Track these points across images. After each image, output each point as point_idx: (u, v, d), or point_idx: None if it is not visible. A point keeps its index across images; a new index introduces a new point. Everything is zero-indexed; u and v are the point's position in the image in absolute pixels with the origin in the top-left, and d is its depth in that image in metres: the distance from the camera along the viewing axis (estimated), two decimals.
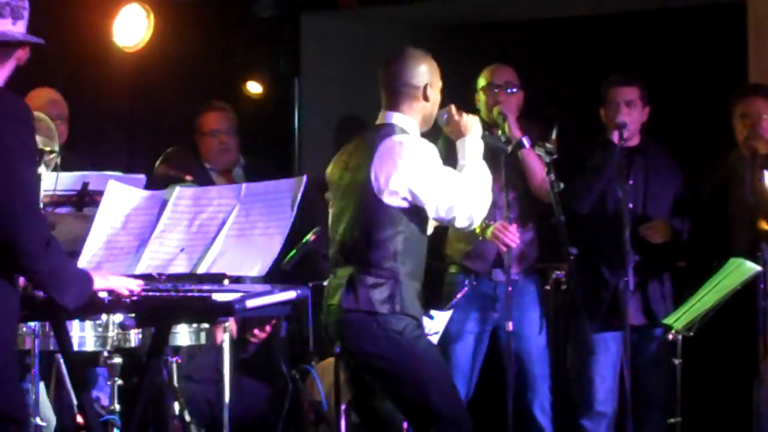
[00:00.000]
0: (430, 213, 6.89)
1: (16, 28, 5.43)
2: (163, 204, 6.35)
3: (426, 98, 7.04)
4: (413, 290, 6.93)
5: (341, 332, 7.02)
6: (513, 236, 8.52)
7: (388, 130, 6.96)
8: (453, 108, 7.14)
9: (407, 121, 7.02)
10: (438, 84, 7.10)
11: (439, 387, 6.89)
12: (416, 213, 6.88)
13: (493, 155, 8.51)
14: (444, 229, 8.72)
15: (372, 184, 6.88)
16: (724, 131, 8.89)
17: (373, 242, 6.91)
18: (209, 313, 6.21)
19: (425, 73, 7.07)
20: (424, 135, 7.06)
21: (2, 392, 5.27)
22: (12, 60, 5.46)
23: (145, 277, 6.06)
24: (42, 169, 7.52)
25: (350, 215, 6.99)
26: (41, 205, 7.20)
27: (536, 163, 8.51)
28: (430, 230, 7.09)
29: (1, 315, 5.33)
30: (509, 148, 8.10)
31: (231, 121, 9.49)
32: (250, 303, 5.89)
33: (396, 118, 7.02)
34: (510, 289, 8.58)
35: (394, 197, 6.85)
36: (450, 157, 7.14)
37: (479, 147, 7.10)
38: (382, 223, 6.90)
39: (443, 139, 8.34)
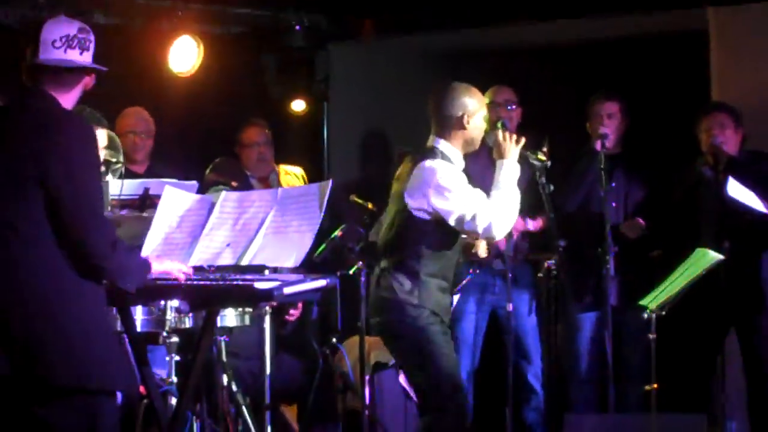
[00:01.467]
0: (452, 224, 6.98)
1: (83, 58, 5.41)
2: (212, 206, 6.35)
3: (464, 126, 7.16)
4: (435, 288, 7.07)
5: (374, 311, 7.24)
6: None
7: (429, 154, 7.16)
8: (500, 132, 7.25)
9: (448, 147, 7.19)
10: (478, 112, 7.23)
11: (438, 372, 6.96)
12: (440, 224, 7.00)
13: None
14: None
15: (405, 197, 7.07)
16: (691, 142, 8.88)
17: (402, 244, 7.10)
18: (252, 298, 6.25)
19: (463, 105, 7.20)
20: None
21: (103, 368, 5.28)
22: (79, 86, 5.45)
23: (197, 269, 6.08)
24: (109, 177, 7.51)
25: (391, 218, 7.20)
26: (109, 208, 7.25)
27: None
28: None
29: (96, 306, 5.35)
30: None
31: (267, 136, 9.48)
32: (287, 290, 5.90)
33: (439, 143, 7.21)
34: (509, 276, 8.59)
35: (420, 211, 7.01)
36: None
37: (513, 170, 7.18)
38: (410, 229, 7.07)
39: None
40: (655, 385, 7.85)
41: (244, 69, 10.21)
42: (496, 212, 6.98)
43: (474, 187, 7.33)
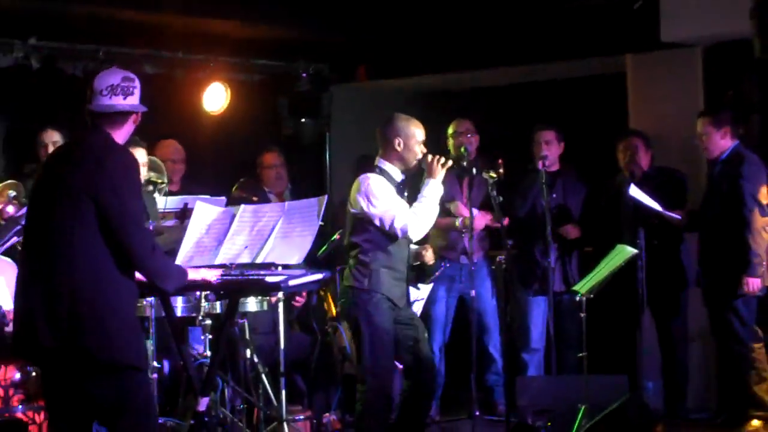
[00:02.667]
0: (377, 225, 6.98)
1: (126, 102, 5.39)
2: (233, 216, 6.37)
3: (396, 149, 7.11)
4: (388, 276, 7.02)
5: (339, 297, 7.34)
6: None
7: (370, 169, 7.13)
8: (428, 156, 7.15)
9: (388, 165, 7.14)
10: (412, 136, 7.13)
11: (369, 351, 6.96)
12: (376, 225, 6.99)
13: (460, 178, 8.69)
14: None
15: (349, 204, 7.11)
16: (612, 160, 8.97)
17: (355, 243, 7.09)
18: (264, 289, 6.32)
19: (399, 130, 7.14)
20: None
21: (128, 347, 5.26)
22: (128, 123, 5.44)
23: (221, 266, 6.11)
24: (156, 195, 7.59)
25: (348, 223, 7.19)
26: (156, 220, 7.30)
27: None
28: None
29: (129, 296, 5.35)
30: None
31: (282, 159, 9.48)
32: (292, 282, 5.98)
33: (381, 162, 7.17)
34: (472, 268, 8.69)
35: (360, 214, 7.02)
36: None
37: (437, 188, 7.10)
38: (357, 230, 7.10)
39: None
40: (586, 353, 7.90)
41: (263, 108, 10.20)
42: (413, 218, 6.93)
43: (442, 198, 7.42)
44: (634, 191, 8.27)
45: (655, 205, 8.30)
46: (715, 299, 8.32)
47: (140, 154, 7.31)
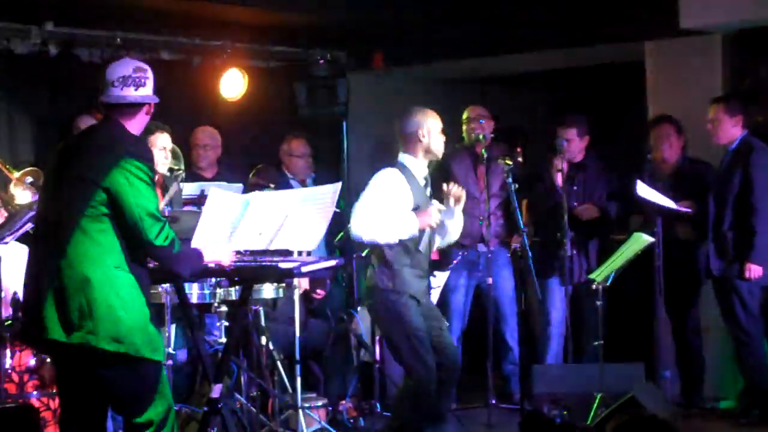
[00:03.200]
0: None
1: (138, 93, 5.37)
2: (247, 203, 6.21)
3: (420, 140, 7.02)
4: (411, 276, 6.92)
5: (365, 296, 7.19)
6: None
7: (391, 164, 7.05)
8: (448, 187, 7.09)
9: (410, 159, 7.05)
10: (434, 125, 7.06)
11: (406, 348, 6.87)
12: None
13: (475, 164, 8.66)
14: None
15: None
16: (630, 148, 8.91)
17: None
18: (277, 276, 6.28)
19: (421, 121, 7.06)
20: None
21: (141, 338, 5.24)
22: (140, 114, 5.42)
23: (235, 253, 6.01)
24: (173, 181, 7.57)
25: None
26: (171, 206, 7.29)
27: None
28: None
29: (142, 285, 5.32)
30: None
31: (309, 147, 9.51)
32: (305, 269, 5.96)
33: (403, 157, 7.09)
34: (489, 256, 8.66)
35: None
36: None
37: (413, 226, 6.85)
38: None
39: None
40: (602, 341, 7.87)
41: (280, 95, 10.17)
42: (374, 232, 6.78)
43: (458, 185, 7.38)
44: (642, 190, 8.20)
45: (666, 202, 8.24)
46: (722, 287, 8.30)
47: (164, 139, 7.30)
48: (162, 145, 7.24)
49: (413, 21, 9.79)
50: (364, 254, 7.97)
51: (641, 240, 7.72)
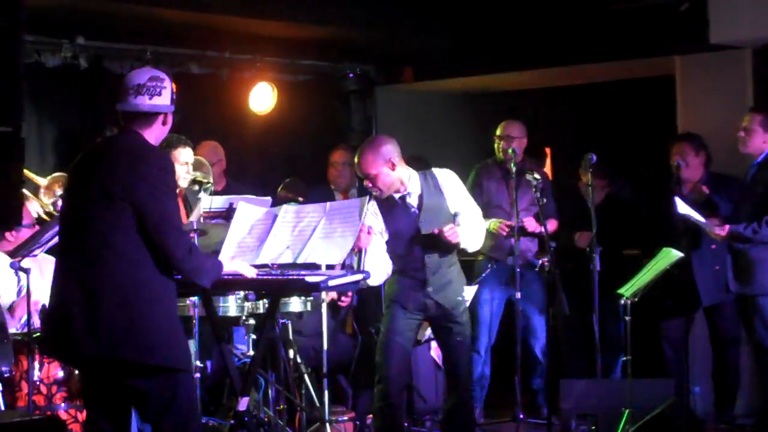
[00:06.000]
0: None
1: (152, 102, 5.33)
2: (275, 217, 6.34)
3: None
4: (400, 283, 6.96)
5: None
6: (507, 227, 8.56)
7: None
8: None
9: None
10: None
11: (383, 346, 6.96)
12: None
13: (506, 180, 8.65)
14: None
15: None
16: (660, 163, 8.88)
17: None
18: (304, 289, 6.30)
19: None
20: None
21: (172, 349, 5.26)
22: (157, 123, 5.38)
23: (263, 266, 6.08)
24: (202, 194, 7.58)
25: None
26: (201, 219, 7.30)
27: None
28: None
29: (170, 297, 5.33)
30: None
31: (349, 157, 9.39)
32: (332, 282, 5.94)
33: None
34: (518, 270, 8.62)
35: None
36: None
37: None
38: None
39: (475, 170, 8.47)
40: (630, 357, 7.80)
41: (310, 108, 10.20)
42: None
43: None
44: (681, 207, 8.09)
45: (702, 220, 8.15)
46: (744, 304, 8.21)
47: (186, 153, 7.32)
48: (184, 160, 7.26)
49: (443, 35, 9.80)
50: None
51: (670, 255, 7.64)
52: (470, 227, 7.04)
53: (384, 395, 6.99)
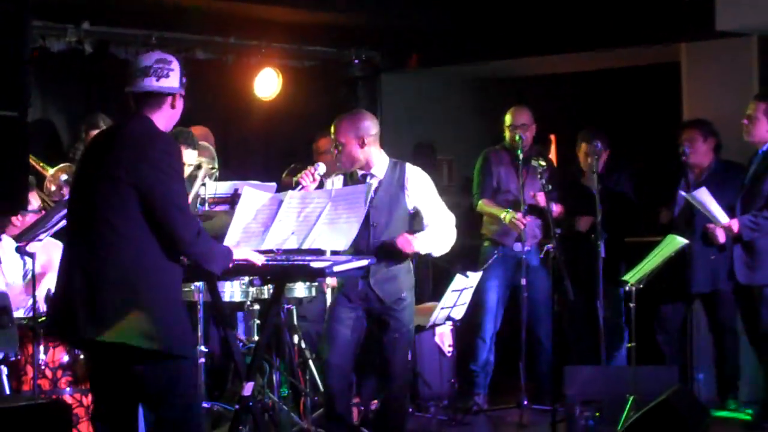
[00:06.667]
0: None
1: (159, 84, 5.33)
2: (280, 202, 6.32)
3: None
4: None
5: None
6: (522, 223, 8.59)
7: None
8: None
9: None
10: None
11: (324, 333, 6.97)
12: None
13: (516, 167, 8.66)
14: (479, 215, 8.83)
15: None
16: (665, 150, 8.89)
17: None
18: (309, 275, 6.28)
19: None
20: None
21: (174, 336, 5.24)
22: (165, 107, 5.37)
23: (267, 252, 6.06)
24: (207, 180, 7.59)
25: None
26: (206, 205, 7.31)
27: None
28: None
29: (175, 282, 5.33)
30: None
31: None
32: (336, 268, 5.90)
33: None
34: (524, 256, 8.64)
35: None
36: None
37: None
38: None
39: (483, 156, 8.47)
40: (635, 343, 7.82)
41: (315, 94, 10.20)
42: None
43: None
44: (703, 193, 8.07)
45: (719, 214, 8.10)
46: (748, 294, 8.17)
47: (189, 155, 7.36)
48: (186, 161, 7.26)
49: (449, 21, 9.79)
50: None
51: (675, 242, 7.66)
52: (436, 233, 6.91)
53: (328, 395, 6.95)
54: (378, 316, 6.91)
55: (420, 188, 6.96)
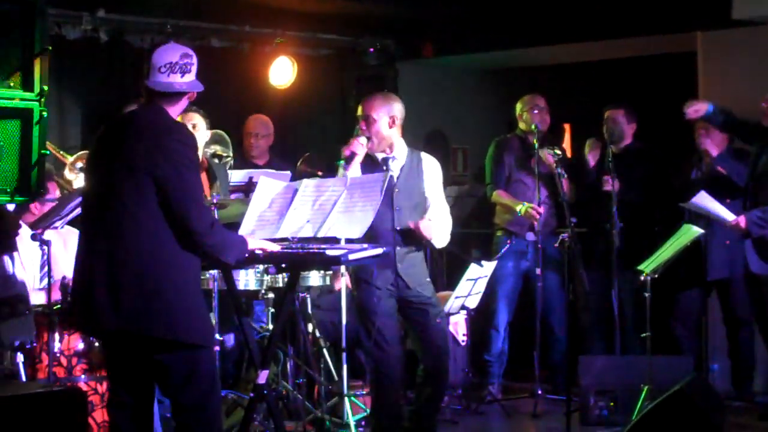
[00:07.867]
0: None
1: (183, 80, 5.36)
2: (295, 191, 6.32)
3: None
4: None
5: None
6: (537, 213, 8.58)
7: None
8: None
9: None
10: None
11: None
12: None
13: (530, 155, 8.64)
14: (493, 204, 8.82)
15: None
16: (682, 139, 8.86)
17: None
18: (324, 263, 6.30)
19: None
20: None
21: (194, 325, 5.27)
22: (183, 100, 5.41)
23: (283, 240, 6.06)
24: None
25: None
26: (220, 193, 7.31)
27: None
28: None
29: (193, 272, 5.33)
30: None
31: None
32: (352, 256, 5.91)
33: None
34: (539, 245, 8.63)
35: None
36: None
37: None
38: None
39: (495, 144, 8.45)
40: (650, 333, 7.81)
41: (330, 83, 10.22)
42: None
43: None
44: (703, 198, 8.07)
45: (724, 213, 8.08)
46: (762, 284, 8.14)
47: (199, 122, 7.36)
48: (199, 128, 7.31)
49: (464, 10, 9.77)
50: None
51: (691, 231, 7.65)
52: (440, 224, 6.95)
53: (391, 384, 6.97)
54: (410, 303, 6.93)
55: (434, 178, 7.04)
